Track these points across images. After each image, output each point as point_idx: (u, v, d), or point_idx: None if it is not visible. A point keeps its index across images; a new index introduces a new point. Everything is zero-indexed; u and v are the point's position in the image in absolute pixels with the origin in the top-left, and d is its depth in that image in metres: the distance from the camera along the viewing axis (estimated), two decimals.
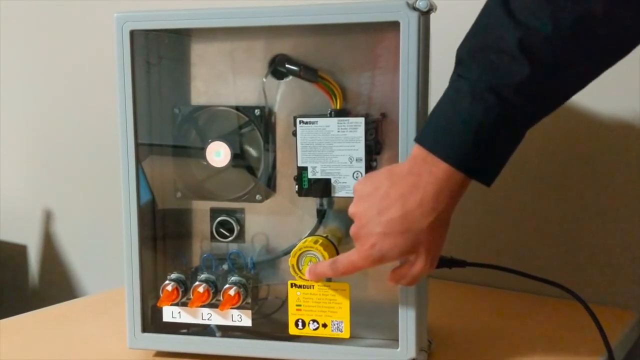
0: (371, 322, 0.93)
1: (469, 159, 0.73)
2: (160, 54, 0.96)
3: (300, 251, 0.87)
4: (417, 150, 0.76)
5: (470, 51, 0.74)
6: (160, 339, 0.96)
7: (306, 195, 0.90)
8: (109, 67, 0.94)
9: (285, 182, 0.94)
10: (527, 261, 1.21)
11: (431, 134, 0.75)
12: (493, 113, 0.71)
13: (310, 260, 0.87)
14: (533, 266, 1.01)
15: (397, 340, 0.88)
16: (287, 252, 0.92)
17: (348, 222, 0.84)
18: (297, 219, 0.94)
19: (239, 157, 0.94)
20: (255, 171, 0.94)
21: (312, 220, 0.93)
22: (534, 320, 1.10)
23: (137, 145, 0.93)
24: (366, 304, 0.92)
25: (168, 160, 0.97)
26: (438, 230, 0.77)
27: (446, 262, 0.89)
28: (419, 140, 0.76)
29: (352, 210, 0.81)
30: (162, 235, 0.99)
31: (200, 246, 0.98)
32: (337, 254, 0.88)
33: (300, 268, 0.88)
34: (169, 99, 0.96)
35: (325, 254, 0.86)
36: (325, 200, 0.92)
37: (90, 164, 1.82)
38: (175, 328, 0.96)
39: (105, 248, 1.78)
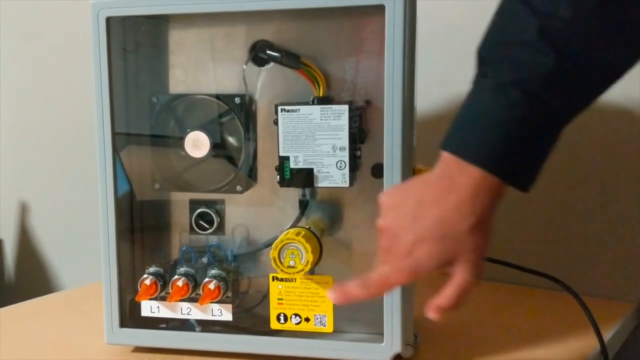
0: (355, 315, 0.91)
1: (500, 159, 0.67)
2: (137, 41, 0.95)
3: (282, 243, 0.86)
4: (445, 154, 0.70)
5: (491, 49, 0.69)
6: (138, 334, 0.95)
7: (288, 185, 0.88)
8: (85, 55, 0.92)
9: (267, 172, 0.92)
10: (518, 253, 1.19)
11: (456, 137, 0.69)
12: (520, 110, 0.66)
13: (293, 253, 0.85)
14: (524, 258, 1.00)
15: (382, 334, 0.87)
16: (268, 245, 0.91)
17: (331, 212, 0.82)
18: (279, 210, 0.93)
19: (218, 147, 0.92)
20: (236, 161, 0.93)
21: (294, 212, 0.91)
22: (525, 313, 1.09)
23: (114, 134, 0.91)
24: None
25: (146, 150, 0.95)
26: (479, 235, 0.69)
27: None
28: (444, 146, 0.70)
29: (381, 223, 0.73)
30: (140, 227, 0.97)
31: (180, 239, 0.97)
32: (320, 245, 0.87)
33: (282, 261, 0.86)
34: (146, 87, 0.95)
35: (308, 246, 0.85)
36: (307, 191, 0.90)
37: (66, 154, 1.79)
38: (154, 323, 0.95)
39: (82, 241, 1.76)
